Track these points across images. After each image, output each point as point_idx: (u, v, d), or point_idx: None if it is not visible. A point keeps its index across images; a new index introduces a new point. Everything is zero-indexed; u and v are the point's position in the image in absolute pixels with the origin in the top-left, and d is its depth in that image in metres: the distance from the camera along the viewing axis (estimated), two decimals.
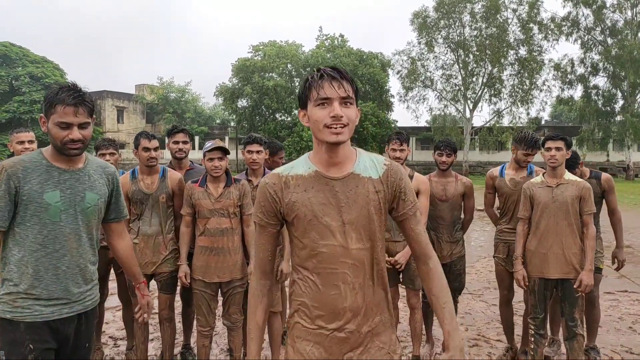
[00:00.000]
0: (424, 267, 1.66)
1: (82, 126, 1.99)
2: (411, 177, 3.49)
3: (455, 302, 3.94)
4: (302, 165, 1.62)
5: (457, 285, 3.88)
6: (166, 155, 3.93)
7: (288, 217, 1.59)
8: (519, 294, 3.95)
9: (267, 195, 1.61)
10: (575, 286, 3.20)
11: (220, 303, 3.39)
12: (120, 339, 4.24)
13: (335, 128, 1.49)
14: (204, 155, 3.23)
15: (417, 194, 3.46)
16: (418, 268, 1.70)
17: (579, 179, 3.31)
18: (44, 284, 1.98)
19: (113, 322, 4.67)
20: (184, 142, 3.79)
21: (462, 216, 3.97)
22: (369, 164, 1.62)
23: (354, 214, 1.56)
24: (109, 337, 4.32)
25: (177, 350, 3.93)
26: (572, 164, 3.69)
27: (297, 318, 1.63)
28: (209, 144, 3.25)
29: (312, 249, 1.57)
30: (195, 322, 3.45)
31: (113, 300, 4.61)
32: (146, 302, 2.45)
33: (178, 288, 3.52)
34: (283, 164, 4.02)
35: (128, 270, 2.42)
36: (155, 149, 3.34)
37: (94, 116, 2.10)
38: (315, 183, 1.57)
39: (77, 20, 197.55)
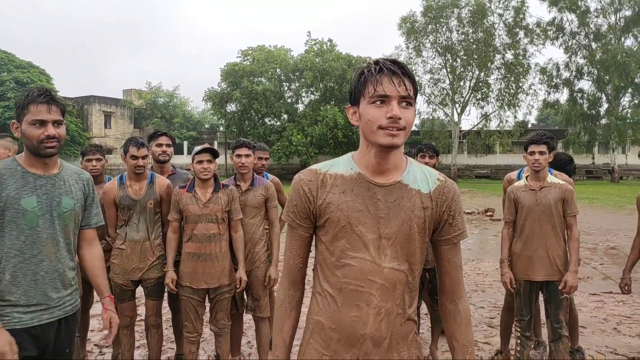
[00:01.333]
0: (450, 307, 1.47)
1: (56, 124, 2.01)
2: None
3: None
4: (343, 165, 1.44)
5: None
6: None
7: (319, 220, 1.42)
8: None
9: (300, 193, 1.42)
10: (560, 288, 3.24)
11: (207, 309, 3.38)
12: (106, 347, 4.20)
13: (392, 130, 1.31)
14: (193, 159, 3.23)
15: None
16: (442, 306, 1.49)
17: (561, 182, 3.35)
18: (22, 290, 1.96)
19: (99, 329, 4.62)
20: (167, 145, 3.78)
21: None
22: (419, 176, 1.43)
23: (394, 228, 1.36)
24: (94, 344, 4.27)
25: (165, 356, 3.90)
26: (569, 168, 3.80)
27: (311, 340, 1.44)
28: (198, 148, 3.25)
29: (339, 259, 1.38)
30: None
31: (99, 308, 4.55)
32: (108, 317, 2.26)
33: (165, 295, 3.50)
34: (263, 166, 4.03)
35: (93, 282, 2.29)
36: (144, 157, 3.32)
37: (65, 121, 2.10)
38: (356, 186, 1.39)
39: (63, 25, 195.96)
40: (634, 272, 3.57)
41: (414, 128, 40.90)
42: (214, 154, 3.25)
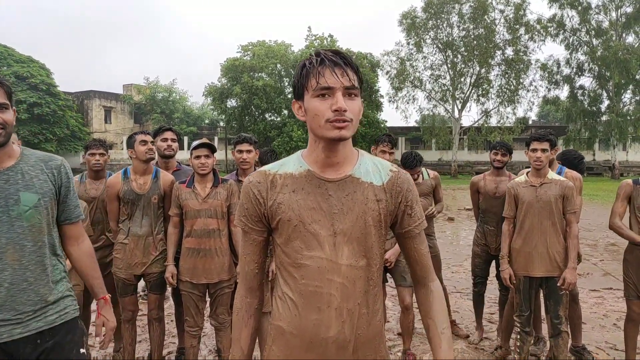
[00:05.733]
0: (423, 291, 1.46)
1: None
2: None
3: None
4: (293, 163, 1.40)
5: None
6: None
7: (272, 222, 1.37)
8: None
9: (250, 196, 1.38)
10: (559, 284, 3.25)
11: (208, 303, 3.39)
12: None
13: (339, 122, 1.27)
14: (191, 154, 3.25)
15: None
16: (416, 291, 1.49)
17: (562, 178, 3.36)
18: None
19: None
20: (173, 140, 3.80)
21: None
22: (371, 168, 1.40)
23: (348, 224, 1.32)
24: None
25: (167, 351, 3.92)
26: (582, 167, 3.83)
27: (273, 347, 1.39)
28: (195, 143, 3.26)
29: (295, 261, 1.33)
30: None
31: None
32: (101, 323, 2.05)
33: (169, 288, 3.52)
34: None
35: (86, 282, 2.03)
36: (152, 143, 3.40)
37: (14, 107, 1.85)
38: (306, 184, 1.35)
39: (62, 20, 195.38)
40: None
41: (414, 124, 41.09)
42: (212, 149, 3.27)
